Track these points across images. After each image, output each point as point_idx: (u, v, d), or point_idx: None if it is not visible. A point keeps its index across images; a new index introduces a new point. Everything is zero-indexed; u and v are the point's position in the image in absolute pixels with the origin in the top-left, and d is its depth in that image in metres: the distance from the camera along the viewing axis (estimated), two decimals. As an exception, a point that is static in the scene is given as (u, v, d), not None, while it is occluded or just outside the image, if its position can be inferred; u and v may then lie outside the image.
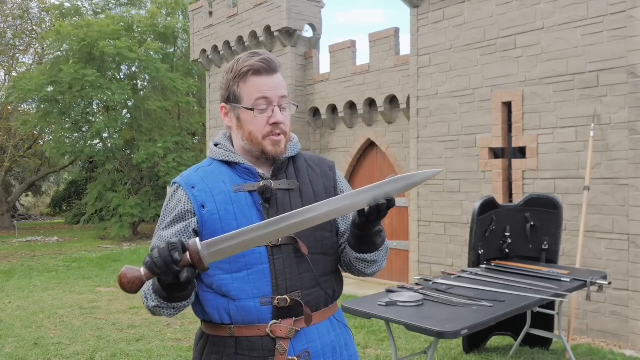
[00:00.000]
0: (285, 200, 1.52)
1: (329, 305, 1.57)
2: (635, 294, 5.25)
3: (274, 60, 1.51)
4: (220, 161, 1.56)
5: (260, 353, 1.45)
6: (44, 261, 11.63)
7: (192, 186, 1.51)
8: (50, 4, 20.08)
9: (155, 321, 6.33)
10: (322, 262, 1.54)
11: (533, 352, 4.91)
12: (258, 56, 1.51)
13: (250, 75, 1.49)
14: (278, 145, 1.52)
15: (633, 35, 5.26)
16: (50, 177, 28.59)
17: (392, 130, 8.65)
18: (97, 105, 16.67)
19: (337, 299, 1.62)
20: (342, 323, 1.63)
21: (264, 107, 1.49)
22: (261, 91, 1.49)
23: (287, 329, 1.45)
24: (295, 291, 1.47)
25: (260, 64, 1.49)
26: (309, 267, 1.50)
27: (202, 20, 12.01)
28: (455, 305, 3.31)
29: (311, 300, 1.50)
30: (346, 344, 1.61)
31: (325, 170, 1.65)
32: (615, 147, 5.42)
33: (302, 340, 1.48)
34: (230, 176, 1.52)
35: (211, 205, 1.47)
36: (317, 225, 1.44)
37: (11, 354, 5.12)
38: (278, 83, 1.51)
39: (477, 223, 4.54)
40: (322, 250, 1.54)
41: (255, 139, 1.51)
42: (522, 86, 6.18)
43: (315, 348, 1.50)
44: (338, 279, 1.61)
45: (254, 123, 1.50)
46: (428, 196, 7.25)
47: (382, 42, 8.60)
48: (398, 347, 5.01)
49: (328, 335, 1.54)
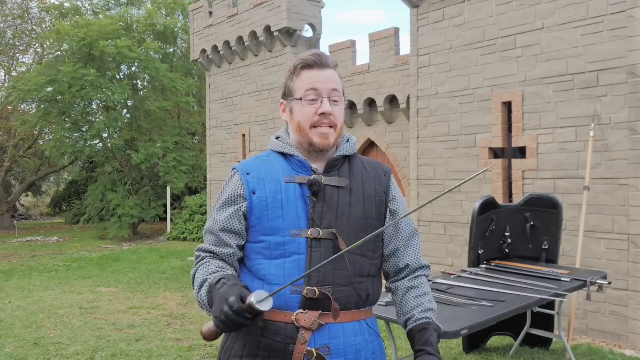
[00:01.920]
0: (333, 196, 1.55)
1: (361, 308, 1.56)
2: (635, 294, 5.25)
3: (326, 56, 1.58)
4: (278, 153, 1.62)
5: (283, 339, 1.48)
6: (44, 261, 11.63)
7: (247, 172, 1.58)
8: (50, 4, 20.08)
9: (156, 321, 6.33)
10: (360, 263, 1.54)
11: (533, 352, 4.91)
12: (312, 52, 1.59)
13: (303, 69, 1.57)
14: (325, 137, 1.55)
15: (633, 35, 5.26)
16: (50, 177, 28.59)
17: (392, 130, 8.65)
18: (97, 105, 16.67)
19: (372, 304, 1.61)
20: (374, 331, 1.62)
21: (313, 98, 1.55)
22: (311, 83, 1.55)
23: (311, 320, 1.47)
24: (326, 285, 1.49)
25: (311, 57, 1.57)
26: (344, 265, 1.51)
27: (202, 20, 12.02)
28: (455, 305, 3.31)
29: (341, 297, 1.50)
30: (374, 352, 1.59)
31: (380, 175, 1.66)
32: (615, 147, 5.42)
33: (325, 334, 1.49)
34: (285, 167, 1.58)
35: (261, 192, 1.54)
36: (362, 226, 1.53)
37: (11, 354, 5.12)
38: (328, 76, 1.56)
39: (477, 223, 4.54)
40: (361, 252, 1.54)
41: (304, 129, 1.56)
42: (522, 86, 6.18)
43: (337, 345, 1.50)
44: (375, 284, 1.60)
45: (303, 113, 1.56)
46: (428, 196, 7.25)
47: (382, 42, 8.60)
48: (398, 347, 5.01)
49: (354, 337, 1.53)
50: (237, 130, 11.43)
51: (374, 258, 1.58)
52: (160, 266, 10.44)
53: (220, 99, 11.94)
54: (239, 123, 11.38)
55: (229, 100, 11.65)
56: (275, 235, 1.51)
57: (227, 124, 11.78)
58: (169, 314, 6.68)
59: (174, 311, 6.84)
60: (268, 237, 1.52)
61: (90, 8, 19.74)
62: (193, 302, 7.30)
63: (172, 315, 6.65)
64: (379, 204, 1.61)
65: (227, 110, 11.75)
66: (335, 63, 1.60)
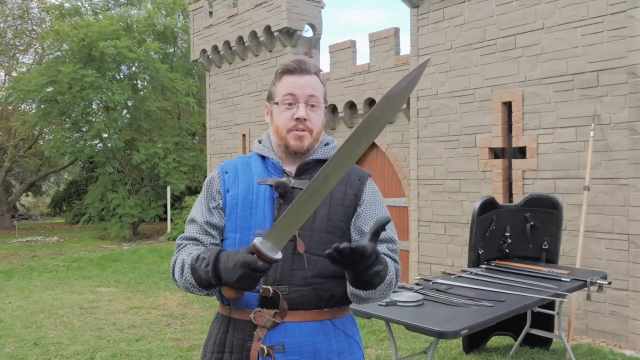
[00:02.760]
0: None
1: (324, 309, 1.56)
2: (635, 294, 5.25)
3: (307, 62, 1.64)
4: (258, 155, 1.71)
5: (242, 336, 1.55)
6: (44, 261, 11.63)
7: (226, 171, 1.68)
8: (50, 4, 20.08)
9: (156, 321, 6.33)
10: (320, 264, 1.54)
11: (533, 352, 4.91)
12: (294, 58, 1.67)
13: (284, 74, 1.64)
14: (300, 140, 1.60)
15: (633, 35, 5.26)
16: (50, 177, 28.59)
17: (392, 130, 8.65)
18: (97, 105, 16.66)
19: (339, 305, 1.60)
20: (343, 331, 1.61)
21: (290, 102, 1.61)
22: (289, 88, 1.61)
23: (265, 317, 1.51)
24: (283, 285, 1.52)
25: (292, 64, 1.63)
26: (302, 265, 1.53)
27: (202, 20, 12.01)
28: (456, 305, 3.31)
29: (297, 297, 1.52)
30: (341, 352, 1.58)
31: (353, 179, 1.66)
32: (615, 147, 5.42)
33: (280, 333, 1.52)
34: (260, 169, 1.66)
35: (234, 191, 1.63)
36: (326, 227, 1.54)
37: (11, 354, 5.12)
38: (307, 82, 1.62)
39: (477, 223, 4.54)
40: (323, 252, 1.53)
41: (281, 132, 1.62)
42: (522, 86, 6.18)
43: (291, 344, 1.52)
44: (342, 285, 1.58)
45: (281, 117, 1.62)
46: (428, 196, 7.25)
47: (382, 42, 8.60)
48: (398, 347, 5.01)
49: (313, 337, 1.54)
50: (237, 130, 11.43)
51: None
52: (160, 266, 10.44)
53: (220, 99, 11.94)
54: (239, 123, 11.38)
55: (229, 100, 11.65)
56: (241, 232, 1.57)
57: (227, 124, 11.78)
58: (169, 314, 6.68)
59: (174, 311, 6.84)
60: (234, 234, 1.58)
61: (90, 8, 19.74)
62: (193, 302, 7.30)
63: (172, 315, 6.65)
64: (348, 206, 1.62)
65: (227, 110, 11.75)
66: (316, 69, 1.65)
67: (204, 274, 1.45)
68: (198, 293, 1.55)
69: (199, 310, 6.89)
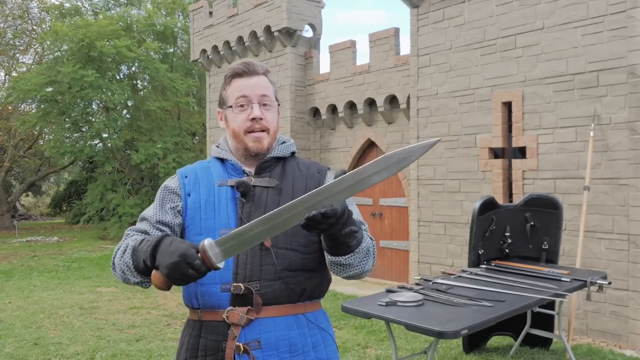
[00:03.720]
0: (262, 196, 1.60)
1: (296, 302, 1.57)
2: (635, 294, 5.25)
3: (254, 64, 1.66)
4: (217, 159, 1.71)
5: (216, 337, 1.54)
6: (44, 261, 11.63)
7: (185, 176, 1.68)
8: (50, 4, 20.08)
9: (156, 321, 6.33)
10: (290, 257, 1.55)
11: (533, 352, 4.92)
12: (241, 61, 1.67)
13: (233, 78, 1.65)
14: (259, 141, 1.62)
15: (633, 35, 5.26)
16: (50, 177, 28.60)
17: (392, 130, 8.65)
18: (96, 105, 16.67)
19: (311, 299, 1.61)
20: (316, 325, 1.62)
21: (243, 104, 1.62)
22: (241, 90, 1.63)
23: (239, 315, 1.51)
24: (253, 281, 1.52)
25: (240, 67, 1.65)
26: (271, 259, 1.54)
27: (202, 20, 12.01)
28: (456, 305, 3.31)
29: (269, 292, 1.53)
30: (315, 345, 1.59)
31: (313, 172, 1.69)
32: (615, 147, 5.42)
33: (254, 329, 1.52)
34: (220, 172, 1.66)
35: (195, 195, 1.63)
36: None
37: (11, 354, 5.12)
38: (257, 83, 1.63)
39: (477, 223, 4.54)
40: (290, 246, 1.55)
41: (238, 135, 1.63)
42: (522, 86, 6.18)
43: (267, 339, 1.52)
44: (315, 279, 1.60)
45: (236, 120, 1.63)
46: (428, 196, 7.25)
47: (382, 42, 8.60)
48: (398, 347, 5.01)
49: (288, 331, 1.55)
50: (237, 130, 11.42)
51: (308, 252, 1.58)
52: (160, 266, 10.42)
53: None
54: (239, 123, 11.37)
55: (229, 100, 11.64)
56: (206, 234, 1.55)
57: (227, 124, 11.77)
58: (169, 314, 6.68)
59: (174, 311, 6.84)
60: (199, 237, 1.54)
61: (90, 8, 19.74)
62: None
63: (172, 315, 6.65)
64: None
65: (227, 110, 11.74)
66: (264, 69, 1.66)
67: (143, 254, 1.42)
68: (132, 280, 1.51)
69: (199, 310, 6.89)
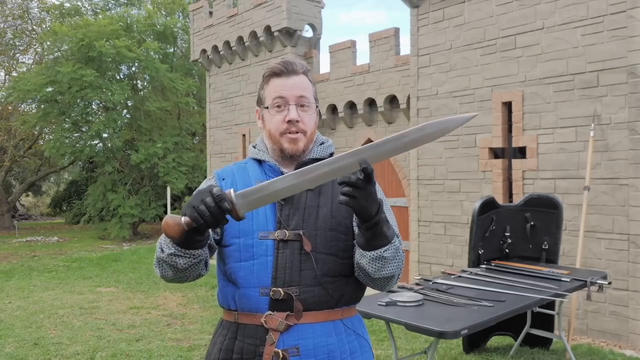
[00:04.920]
0: (301, 198, 1.57)
1: (335, 308, 1.55)
2: (635, 294, 5.25)
3: (294, 63, 1.61)
4: (254, 160, 1.69)
5: (253, 341, 1.51)
6: (44, 261, 11.63)
7: (223, 178, 1.66)
8: (50, 4, 20.08)
9: (156, 321, 6.33)
10: (329, 263, 1.53)
11: (533, 352, 4.92)
12: (280, 60, 1.62)
13: (271, 77, 1.61)
14: (294, 142, 1.58)
15: (633, 35, 5.26)
16: (50, 177, 28.59)
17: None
18: (96, 105, 16.67)
19: (348, 304, 1.59)
20: (354, 331, 1.60)
21: (280, 105, 1.58)
22: (278, 91, 1.58)
23: (277, 321, 1.48)
24: (293, 286, 1.50)
25: (278, 66, 1.60)
26: (311, 265, 1.51)
27: (202, 20, 12.01)
28: (456, 305, 3.31)
29: (309, 297, 1.50)
30: (353, 352, 1.57)
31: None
32: (615, 147, 5.42)
33: (293, 335, 1.49)
34: (258, 173, 1.64)
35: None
36: (330, 225, 1.52)
37: (11, 354, 5.12)
38: (295, 83, 1.59)
39: (477, 223, 4.54)
40: (330, 251, 1.53)
41: (274, 136, 1.60)
42: (522, 86, 6.18)
43: (306, 346, 1.50)
44: (351, 284, 1.58)
45: (272, 121, 1.60)
46: (428, 196, 7.25)
47: (382, 42, 8.60)
48: (398, 347, 5.01)
49: (326, 337, 1.53)
50: (237, 130, 11.43)
51: (346, 257, 1.56)
52: (160, 266, 10.42)
53: (220, 99, 11.94)
54: (239, 123, 11.38)
55: (229, 100, 11.65)
56: (244, 237, 1.54)
57: (227, 124, 11.77)
58: (169, 314, 6.68)
59: (174, 311, 6.84)
60: (237, 240, 1.54)
61: (90, 8, 19.74)
62: (193, 302, 7.30)
63: (172, 315, 6.65)
64: None
65: (227, 110, 11.75)
66: (304, 68, 1.62)
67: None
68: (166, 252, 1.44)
69: (199, 310, 6.89)
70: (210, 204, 1.29)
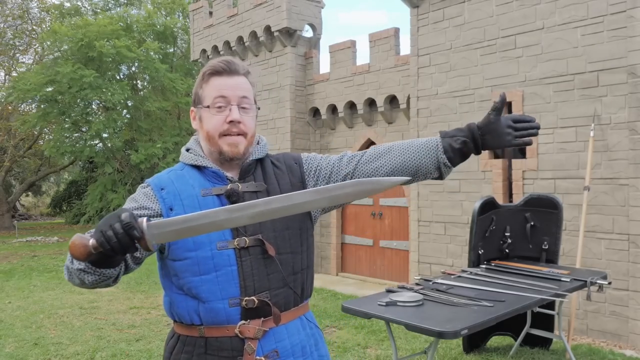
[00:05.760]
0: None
1: (299, 305, 1.57)
2: (635, 294, 5.25)
3: (235, 63, 1.55)
4: (190, 166, 1.57)
5: (229, 353, 1.47)
6: (44, 261, 11.63)
7: (162, 188, 1.52)
8: (50, 4, 20.08)
9: (156, 321, 6.33)
10: (291, 261, 1.54)
11: (533, 352, 4.91)
12: (222, 59, 1.56)
13: (211, 76, 1.53)
14: (235, 146, 1.52)
15: (633, 35, 5.26)
16: (50, 177, 28.59)
17: (392, 130, 8.64)
18: (96, 105, 16.68)
19: (307, 297, 1.61)
20: (313, 323, 1.64)
21: (221, 105, 1.51)
22: (219, 90, 1.51)
23: (255, 329, 1.46)
24: (263, 292, 1.48)
25: (220, 64, 1.53)
26: (276, 267, 1.50)
27: (202, 20, 12.01)
28: (456, 305, 3.31)
29: (280, 300, 1.51)
30: (316, 343, 1.61)
31: (290, 164, 1.63)
32: (615, 147, 5.42)
33: (270, 340, 1.49)
34: (200, 180, 1.54)
35: (179, 209, 1.48)
36: (285, 224, 1.50)
37: (11, 354, 5.12)
38: (238, 84, 1.53)
39: (477, 223, 4.54)
40: (290, 249, 1.54)
41: (213, 138, 1.52)
42: (522, 86, 6.18)
43: (284, 347, 1.51)
44: (309, 275, 1.60)
45: (212, 121, 1.52)
46: (428, 196, 7.25)
47: (382, 42, 8.60)
48: (398, 347, 5.01)
49: (298, 335, 1.55)
50: (237, 130, 11.43)
51: (302, 251, 1.57)
52: (160, 266, 10.43)
53: (220, 99, 11.93)
54: (239, 123, 11.38)
55: (229, 100, 11.64)
56: (201, 249, 1.46)
57: (227, 124, 11.77)
58: (169, 314, 6.68)
59: (174, 311, 6.84)
60: (193, 253, 1.46)
61: (90, 8, 19.74)
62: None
63: (172, 315, 6.64)
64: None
65: (227, 110, 11.74)
66: (245, 70, 1.56)
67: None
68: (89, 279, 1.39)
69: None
70: (119, 231, 1.21)
